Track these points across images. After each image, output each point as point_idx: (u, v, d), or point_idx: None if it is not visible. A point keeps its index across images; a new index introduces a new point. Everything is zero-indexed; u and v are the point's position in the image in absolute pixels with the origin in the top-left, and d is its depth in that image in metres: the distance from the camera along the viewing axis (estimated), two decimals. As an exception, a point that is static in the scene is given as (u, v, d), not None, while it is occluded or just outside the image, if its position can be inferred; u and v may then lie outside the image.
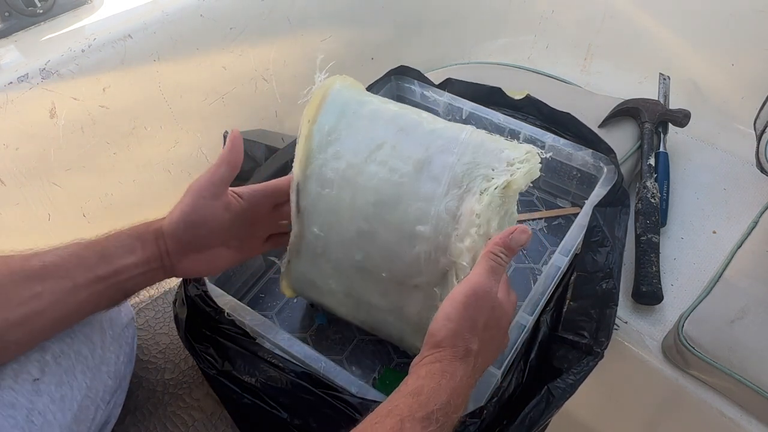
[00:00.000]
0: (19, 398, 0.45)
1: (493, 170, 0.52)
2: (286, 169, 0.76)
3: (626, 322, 0.70)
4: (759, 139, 0.69)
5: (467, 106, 0.82)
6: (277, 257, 0.68)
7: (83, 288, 0.47)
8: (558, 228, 0.80)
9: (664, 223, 0.78)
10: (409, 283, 0.55)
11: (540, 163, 0.54)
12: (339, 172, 0.55)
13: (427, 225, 0.52)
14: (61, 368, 0.49)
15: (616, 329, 0.68)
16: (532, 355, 0.59)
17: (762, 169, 0.71)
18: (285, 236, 0.60)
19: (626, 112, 0.86)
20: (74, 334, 0.51)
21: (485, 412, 0.51)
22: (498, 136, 0.56)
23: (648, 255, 0.71)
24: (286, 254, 0.60)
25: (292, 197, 0.57)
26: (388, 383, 0.61)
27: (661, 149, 0.83)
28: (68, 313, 0.48)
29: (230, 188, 0.55)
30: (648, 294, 0.69)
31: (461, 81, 0.86)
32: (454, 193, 0.52)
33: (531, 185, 0.85)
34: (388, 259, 0.55)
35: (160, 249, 0.52)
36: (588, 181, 0.77)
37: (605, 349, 0.58)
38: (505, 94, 0.85)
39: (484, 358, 0.47)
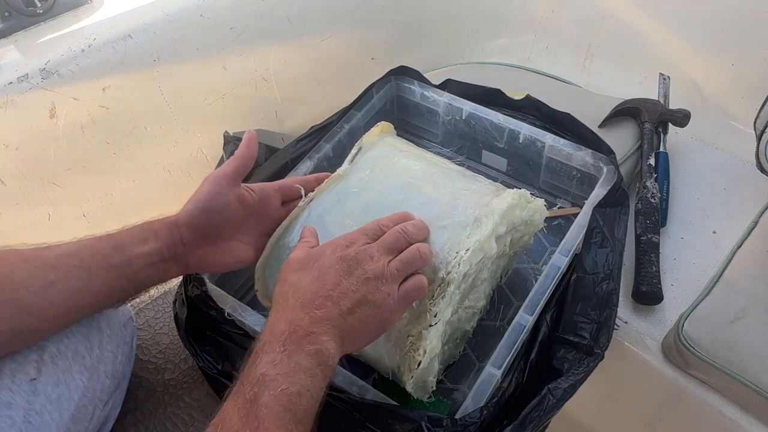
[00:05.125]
0: (16, 398, 0.45)
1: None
2: (286, 169, 0.76)
3: (626, 322, 0.70)
4: (759, 139, 0.69)
5: (467, 106, 0.82)
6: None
7: (97, 277, 0.48)
8: (558, 228, 0.80)
9: (664, 223, 0.78)
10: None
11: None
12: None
13: None
14: (58, 368, 0.49)
15: (616, 329, 0.68)
16: (532, 356, 0.59)
17: (762, 169, 0.71)
18: None
19: (626, 112, 0.86)
20: (71, 334, 0.51)
21: (485, 412, 0.51)
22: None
23: (648, 255, 0.71)
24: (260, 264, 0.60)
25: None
26: (388, 383, 0.61)
27: (661, 149, 0.83)
28: (81, 304, 0.49)
29: (243, 183, 0.57)
30: (648, 294, 0.69)
31: (460, 82, 0.86)
32: None
33: (531, 185, 0.85)
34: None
35: (175, 239, 0.52)
36: (588, 182, 0.77)
37: (605, 350, 0.58)
38: (504, 95, 0.85)
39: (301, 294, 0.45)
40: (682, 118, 0.85)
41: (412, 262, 0.49)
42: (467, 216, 0.56)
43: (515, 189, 0.61)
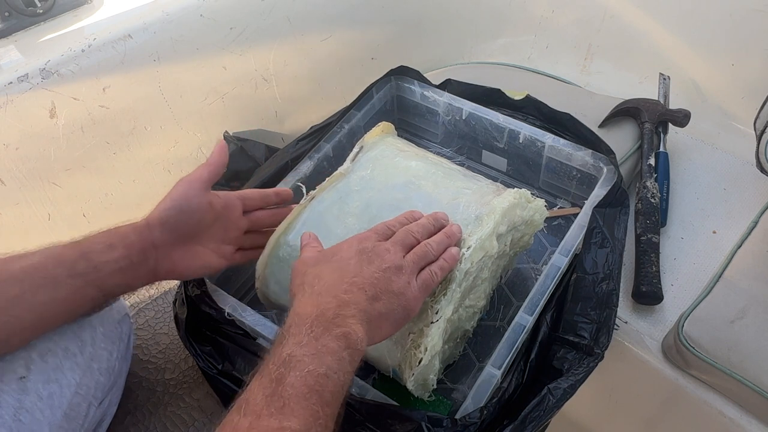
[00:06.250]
0: (5, 397, 0.45)
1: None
2: (286, 168, 0.76)
3: (626, 322, 0.70)
4: (759, 139, 0.69)
5: (467, 106, 0.82)
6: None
7: (63, 287, 0.47)
8: (558, 228, 0.80)
9: (664, 223, 0.78)
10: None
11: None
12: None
13: None
14: (48, 366, 0.49)
15: (616, 329, 0.68)
16: (532, 356, 0.59)
17: (762, 169, 0.71)
18: (253, 251, 0.62)
19: (626, 112, 0.86)
20: (62, 331, 0.51)
21: (485, 412, 0.51)
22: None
23: (648, 255, 0.71)
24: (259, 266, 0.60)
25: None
26: (388, 383, 0.61)
27: (661, 149, 0.83)
28: (48, 316, 0.48)
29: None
30: (648, 294, 0.69)
31: (461, 82, 0.86)
32: None
33: (531, 185, 0.85)
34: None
35: (145, 242, 0.52)
36: (588, 182, 0.77)
37: (605, 350, 0.58)
38: (504, 95, 0.85)
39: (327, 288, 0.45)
40: (682, 118, 0.85)
41: (426, 255, 0.50)
42: (468, 215, 0.57)
43: (516, 188, 0.61)
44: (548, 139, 0.77)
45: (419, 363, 0.51)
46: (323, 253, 0.50)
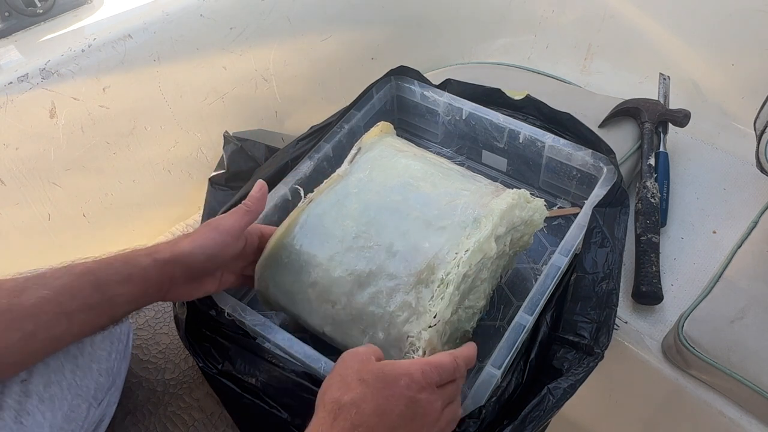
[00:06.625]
0: (6, 400, 0.45)
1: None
2: (286, 168, 0.76)
3: (626, 322, 0.70)
4: (759, 139, 0.69)
5: (467, 106, 0.82)
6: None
7: (77, 321, 0.47)
8: (558, 228, 0.80)
9: (664, 223, 0.78)
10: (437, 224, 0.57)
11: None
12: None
13: None
14: (49, 368, 0.49)
15: (616, 329, 0.68)
16: (532, 355, 0.59)
17: (762, 169, 0.71)
18: (248, 278, 0.62)
19: (626, 112, 0.86)
20: None
21: (485, 412, 0.51)
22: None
23: (648, 255, 0.71)
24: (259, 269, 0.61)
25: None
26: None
27: (661, 149, 0.83)
28: (59, 346, 0.49)
29: None
30: (648, 294, 0.69)
31: (461, 82, 0.86)
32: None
33: (531, 185, 0.85)
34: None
35: (164, 277, 0.52)
36: (588, 182, 0.77)
37: (605, 350, 0.58)
38: (504, 95, 0.85)
39: None
40: (682, 118, 0.85)
41: (455, 420, 0.50)
42: (466, 216, 0.56)
43: (515, 189, 0.61)
44: (548, 139, 0.77)
45: None
46: (383, 372, 0.45)
